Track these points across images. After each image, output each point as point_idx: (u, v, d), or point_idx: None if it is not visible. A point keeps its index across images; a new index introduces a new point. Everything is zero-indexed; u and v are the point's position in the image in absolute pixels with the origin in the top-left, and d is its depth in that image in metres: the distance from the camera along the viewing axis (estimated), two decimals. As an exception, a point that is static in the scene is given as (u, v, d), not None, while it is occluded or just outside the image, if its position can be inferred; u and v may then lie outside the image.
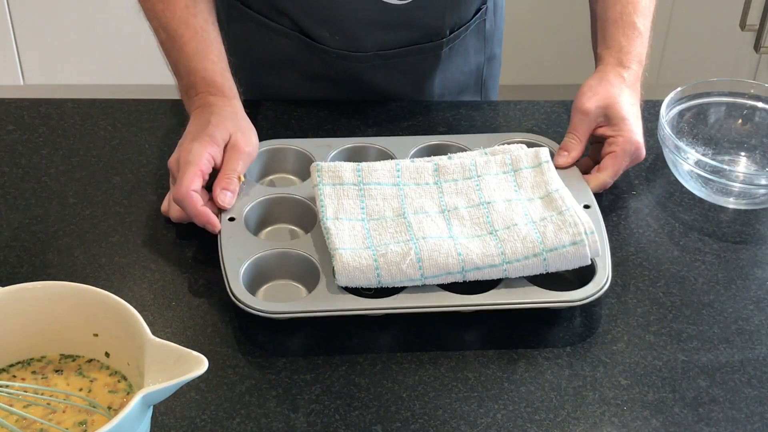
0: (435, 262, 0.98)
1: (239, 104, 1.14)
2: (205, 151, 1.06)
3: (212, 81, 1.14)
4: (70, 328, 0.88)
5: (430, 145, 1.17)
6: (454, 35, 1.31)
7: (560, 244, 1.00)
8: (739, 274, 1.08)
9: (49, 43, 2.60)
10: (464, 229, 1.03)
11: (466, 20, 1.32)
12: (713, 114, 1.24)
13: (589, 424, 0.92)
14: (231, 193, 1.06)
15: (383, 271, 0.98)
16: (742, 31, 2.48)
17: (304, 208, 1.08)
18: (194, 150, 1.05)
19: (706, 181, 1.14)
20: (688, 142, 1.21)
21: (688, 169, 1.15)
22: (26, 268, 1.05)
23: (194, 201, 1.03)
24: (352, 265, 0.97)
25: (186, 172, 1.04)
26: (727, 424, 0.92)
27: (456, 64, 1.34)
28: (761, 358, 0.99)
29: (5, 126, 1.24)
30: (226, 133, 1.08)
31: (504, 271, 0.99)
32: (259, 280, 1.02)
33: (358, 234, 1.01)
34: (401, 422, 0.91)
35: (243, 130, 1.10)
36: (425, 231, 1.01)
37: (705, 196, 1.16)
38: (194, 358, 0.79)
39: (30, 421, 0.82)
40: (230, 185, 1.06)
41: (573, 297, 0.99)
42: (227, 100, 1.13)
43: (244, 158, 1.08)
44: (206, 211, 1.04)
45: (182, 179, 1.04)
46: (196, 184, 1.04)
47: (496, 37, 1.40)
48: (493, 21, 1.37)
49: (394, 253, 0.98)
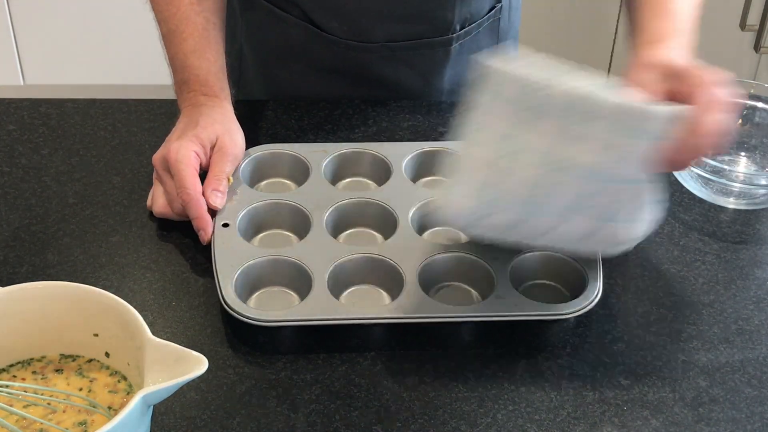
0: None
1: (229, 106, 1.15)
2: (191, 151, 1.07)
3: (205, 80, 1.15)
4: (70, 328, 0.88)
5: (426, 151, 1.17)
6: (464, 32, 1.31)
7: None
8: (739, 274, 1.08)
9: (49, 43, 2.61)
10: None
11: (478, 17, 1.31)
12: None
13: (589, 424, 0.92)
14: (221, 194, 1.07)
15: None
16: (742, 31, 2.48)
17: (299, 213, 1.08)
18: (182, 150, 1.06)
19: (706, 181, 1.14)
20: None
21: (688, 169, 1.15)
22: (26, 268, 1.05)
23: (202, 205, 1.04)
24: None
25: (185, 174, 1.05)
26: (727, 424, 0.92)
27: (467, 62, 1.34)
28: (761, 358, 0.99)
29: (5, 126, 1.24)
30: (213, 134, 1.10)
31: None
32: (252, 286, 1.02)
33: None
34: (401, 422, 0.91)
35: (230, 132, 1.11)
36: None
37: (705, 196, 1.16)
38: (194, 358, 0.79)
39: (30, 421, 0.82)
40: (220, 186, 1.07)
41: (563, 310, 0.98)
42: (218, 101, 1.14)
43: (231, 160, 1.09)
44: (209, 217, 1.05)
45: (184, 181, 1.04)
46: (200, 186, 1.05)
47: (511, 36, 1.40)
48: (508, 20, 1.37)
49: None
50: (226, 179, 1.08)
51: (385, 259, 1.02)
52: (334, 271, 1.01)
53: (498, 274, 1.01)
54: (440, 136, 1.24)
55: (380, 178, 1.14)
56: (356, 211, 1.10)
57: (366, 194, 1.11)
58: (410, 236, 1.05)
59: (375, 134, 1.24)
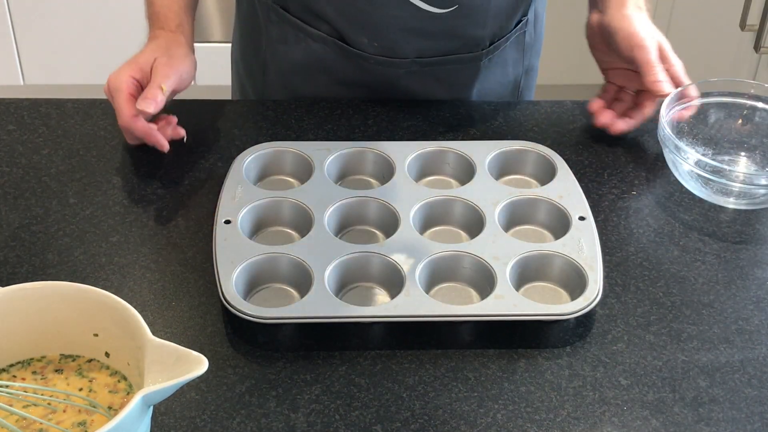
0: None
1: (182, 37, 1.23)
2: (126, 74, 1.16)
3: (165, 16, 1.24)
4: (70, 328, 0.88)
5: (428, 151, 1.17)
6: (493, 46, 1.30)
7: None
8: (739, 274, 1.08)
9: (49, 43, 2.61)
10: None
11: (507, 31, 1.31)
12: (713, 114, 1.24)
13: (589, 424, 0.92)
14: (150, 100, 1.14)
15: None
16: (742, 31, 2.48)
17: (301, 211, 1.08)
18: (117, 76, 1.16)
19: (706, 181, 1.14)
20: (688, 142, 1.21)
21: (688, 169, 1.15)
22: (26, 268, 1.05)
23: (138, 125, 1.14)
24: None
25: (118, 102, 1.15)
26: (727, 424, 0.92)
27: (494, 75, 1.34)
28: (761, 358, 0.99)
29: (5, 126, 1.24)
30: (151, 57, 1.18)
31: None
32: (252, 283, 1.02)
33: None
34: (401, 422, 0.91)
35: (169, 54, 1.19)
36: None
37: (705, 196, 1.16)
38: (194, 358, 0.79)
39: (30, 421, 0.82)
40: (149, 93, 1.14)
41: (563, 310, 0.98)
42: (171, 34, 1.23)
43: (165, 74, 1.17)
44: (152, 129, 1.15)
45: (119, 110, 1.15)
46: (132, 109, 1.14)
47: (535, 49, 1.39)
48: (533, 33, 1.36)
49: None
50: (157, 88, 1.15)
51: (386, 257, 1.02)
52: (334, 269, 1.01)
53: (498, 274, 1.01)
54: (440, 136, 1.24)
55: (383, 177, 1.14)
56: (358, 209, 1.10)
57: (368, 193, 1.11)
58: (411, 235, 1.05)
59: (375, 134, 1.24)
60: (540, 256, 1.04)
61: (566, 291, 1.03)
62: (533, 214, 1.11)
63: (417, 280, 1.00)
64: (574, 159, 1.21)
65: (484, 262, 1.02)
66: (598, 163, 1.21)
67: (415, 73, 1.29)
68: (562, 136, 1.25)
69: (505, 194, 1.11)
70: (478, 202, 1.09)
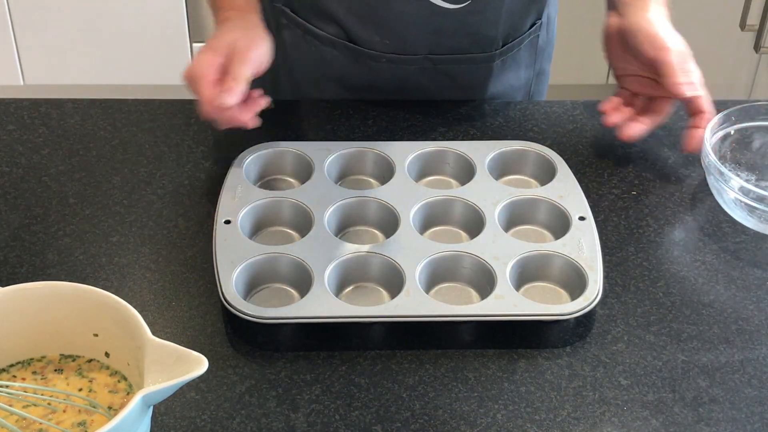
0: None
1: (254, 16, 1.19)
2: (204, 62, 1.11)
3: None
4: (70, 328, 0.88)
5: (428, 151, 1.17)
6: (507, 48, 1.30)
7: None
8: (739, 274, 1.08)
9: (49, 43, 2.61)
10: None
11: (520, 33, 1.31)
12: (758, 139, 1.19)
13: (589, 424, 0.92)
14: (230, 93, 1.09)
15: None
16: (742, 31, 2.48)
17: (301, 211, 1.08)
18: (194, 66, 1.11)
19: (751, 209, 1.10)
20: (730, 168, 1.15)
21: (733, 196, 1.11)
22: (26, 268, 1.05)
23: (221, 115, 1.10)
24: None
25: (198, 90, 1.09)
26: (727, 424, 0.92)
27: (507, 78, 1.34)
28: (761, 358, 0.99)
29: (5, 126, 1.24)
30: (229, 39, 1.13)
31: None
32: (252, 283, 1.02)
33: None
34: (401, 422, 0.91)
35: (248, 36, 1.14)
36: None
37: (752, 225, 1.12)
38: (194, 358, 0.79)
39: (30, 421, 0.82)
40: (227, 84, 1.09)
41: (563, 310, 0.98)
42: (241, 14, 1.18)
43: (246, 61, 1.11)
44: (236, 114, 1.10)
45: (200, 97, 1.09)
46: (215, 99, 1.08)
47: (547, 53, 1.39)
48: (546, 36, 1.36)
49: None
50: (240, 79, 1.10)
51: (386, 257, 1.02)
52: (334, 269, 1.01)
53: (498, 274, 1.01)
54: (440, 136, 1.24)
55: (383, 177, 1.14)
56: (358, 209, 1.10)
57: (367, 193, 1.11)
58: (411, 235, 1.05)
59: (375, 134, 1.24)
60: (540, 256, 1.04)
61: (566, 291, 1.03)
62: (533, 214, 1.11)
63: (417, 280, 1.00)
64: (574, 159, 1.21)
65: (484, 262, 1.02)
66: (598, 163, 1.21)
67: (427, 72, 1.29)
68: (562, 136, 1.25)
69: (505, 194, 1.11)
70: (478, 202, 1.09)
